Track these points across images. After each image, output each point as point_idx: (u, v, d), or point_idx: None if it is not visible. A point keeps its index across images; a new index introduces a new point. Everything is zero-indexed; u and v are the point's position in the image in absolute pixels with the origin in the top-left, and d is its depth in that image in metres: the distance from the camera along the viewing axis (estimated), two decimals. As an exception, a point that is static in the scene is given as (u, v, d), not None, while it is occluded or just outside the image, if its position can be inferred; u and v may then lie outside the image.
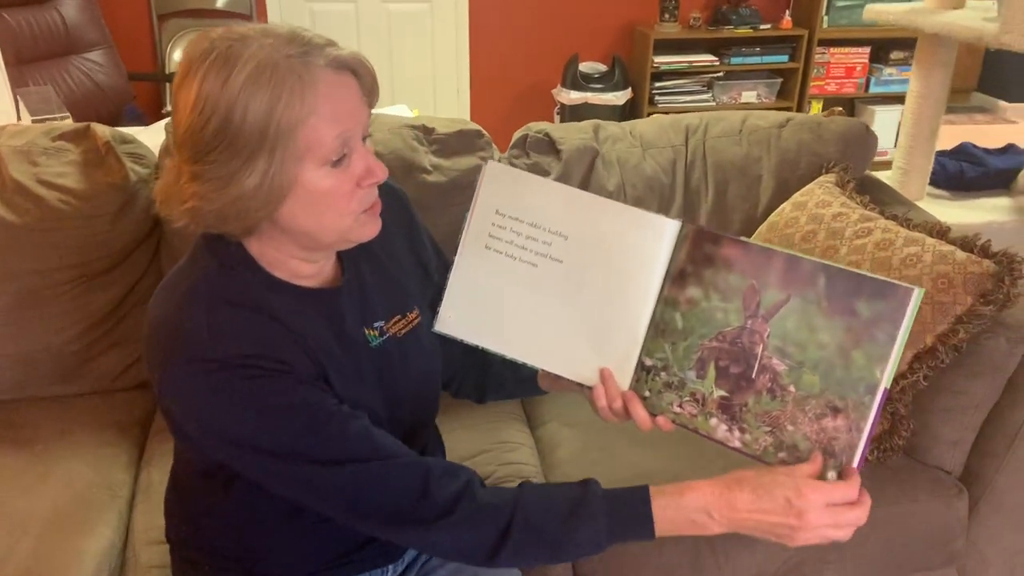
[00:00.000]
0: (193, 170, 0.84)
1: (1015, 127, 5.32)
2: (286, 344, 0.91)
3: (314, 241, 0.92)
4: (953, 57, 2.09)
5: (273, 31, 0.85)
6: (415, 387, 1.08)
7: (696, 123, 1.91)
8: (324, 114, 0.84)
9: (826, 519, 0.86)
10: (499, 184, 1.04)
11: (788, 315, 0.93)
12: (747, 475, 0.91)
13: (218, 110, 0.81)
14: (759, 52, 4.10)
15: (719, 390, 0.97)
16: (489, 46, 4.13)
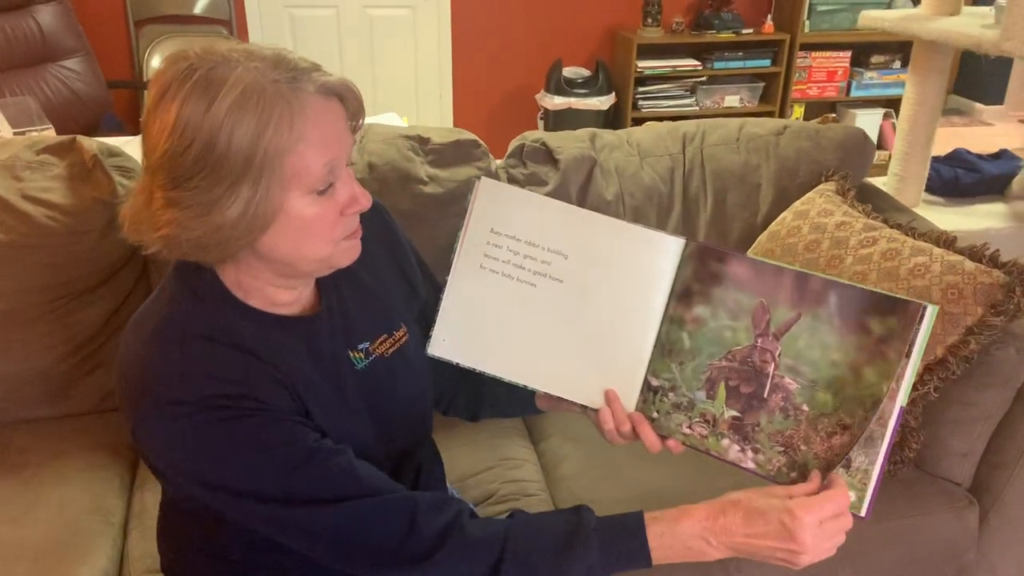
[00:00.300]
0: (169, 196, 0.81)
1: (991, 129, 5.38)
2: (262, 380, 0.88)
3: (293, 269, 0.90)
4: (949, 64, 2.09)
5: (257, 53, 0.82)
6: (406, 407, 1.05)
7: (693, 131, 1.89)
8: (312, 141, 0.82)
9: (822, 537, 0.85)
10: (493, 201, 1.01)
11: (799, 333, 0.91)
12: (740, 498, 0.89)
13: (201, 135, 0.78)
14: (741, 56, 4.11)
15: (730, 410, 0.95)
16: (472, 51, 4.10)
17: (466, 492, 1.47)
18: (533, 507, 1.43)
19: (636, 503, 1.42)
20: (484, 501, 1.45)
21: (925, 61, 2.08)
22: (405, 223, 1.64)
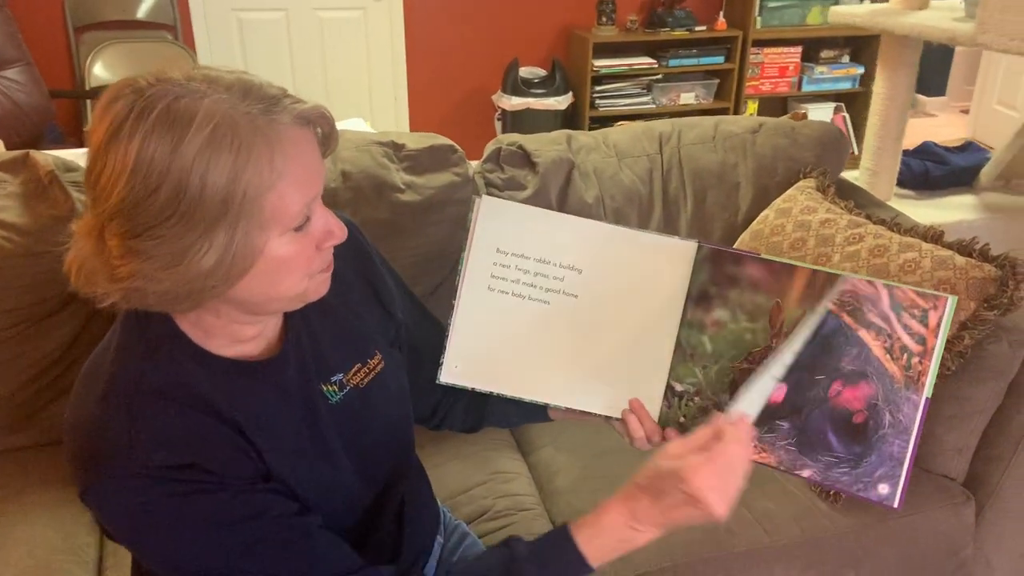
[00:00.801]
0: (131, 245, 0.72)
1: (935, 120, 5.50)
2: (219, 446, 0.81)
3: (265, 308, 0.83)
4: (917, 58, 2.11)
5: (219, 79, 0.74)
6: (385, 437, 1.00)
7: (668, 130, 1.87)
8: (293, 179, 0.75)
9: (721, 487, 0.81)
10: (496, 219, 0.98)
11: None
12: (642, 480, 0.87)
13: (169, 178, 0.70)
14: (696, 54, 4.12)
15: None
16: (426, 53, 4.04)
17: (459, 509, 1.42)
18: (530, 522, 1.39)
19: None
20: (479, 518, 1.41)
21: (894, 56, 2.09)
22: (382, 233, 1.60)
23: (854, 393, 0.87)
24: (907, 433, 0.85)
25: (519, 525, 1.38)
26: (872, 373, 0.86)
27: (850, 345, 0.87)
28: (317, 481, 0.90)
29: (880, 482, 0.86)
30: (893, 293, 0.86)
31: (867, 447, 0.86)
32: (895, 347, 0.85)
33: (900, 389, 0.85)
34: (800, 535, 1.37)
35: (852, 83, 4.41)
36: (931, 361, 0.84)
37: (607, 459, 1.53)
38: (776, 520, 1.38)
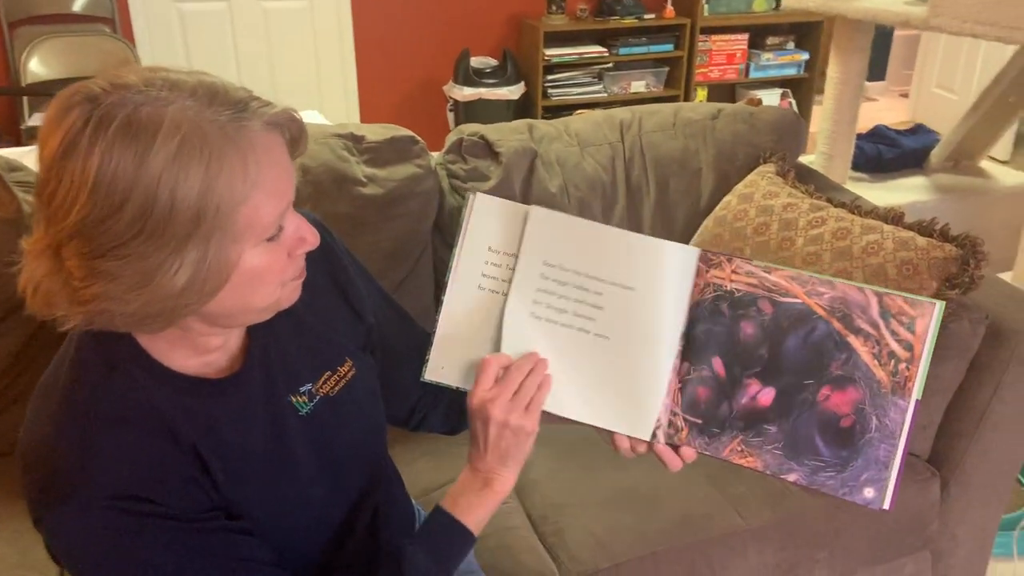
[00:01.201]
0: (94, 266, 0.67)
1: (876, 104, 5.62)
2: (177, 473, 0.77)
3: (235, 320, 0.80)
4: (869, 42, 2.14)
5: (180, 82, 0.69)
6: (357, 446, 0.97)
7: (629, 118, 1.87)
8: (267, 189, 0.71)
9: (516, 402, 0.87)
10: (490, 218, 0.95)
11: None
12: (471, 433, 0.92)
13: (135, 194, 0.65)
14: (645, 42, 4.14)
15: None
16: (375, 43, 3.98)
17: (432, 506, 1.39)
18: (505, 516, 1.37)
19: (613, 503, 1.40)
20: (452, 514, 1.39)
21: (847, 41, 2.12)
22: (345, 227, 1.56)
23: (842, 398, 0.87)
24: (893, 437, 0.86)
25: (494, 519, 1.34)
26: (860, 378, 0.87)
27: (839, 351, 0.87)
28: (283, 499, 0.87)
29: (866, 486, 0.87)
30: (882, 300, 0.86)
31: (853, 451, 0.87)
32: (883, 353, 0.86)
33: (887, 394, 0.86)
34: (773, 517, 1.38)
35: (797, 69, 4.48)
36: (918, 367, 0.85)
37: (580, 449, 1.52)
38: (750, 504, 1.39)
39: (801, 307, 0.89)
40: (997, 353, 1.41)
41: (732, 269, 0.91)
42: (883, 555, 1.48)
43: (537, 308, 0.93)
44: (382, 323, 1.03)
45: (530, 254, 0.93)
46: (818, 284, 0.88)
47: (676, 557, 1.33)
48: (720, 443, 0.90)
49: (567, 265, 0.93)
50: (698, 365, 0.91)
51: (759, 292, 0.90)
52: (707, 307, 0.91)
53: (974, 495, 1.51)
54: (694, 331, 0.92)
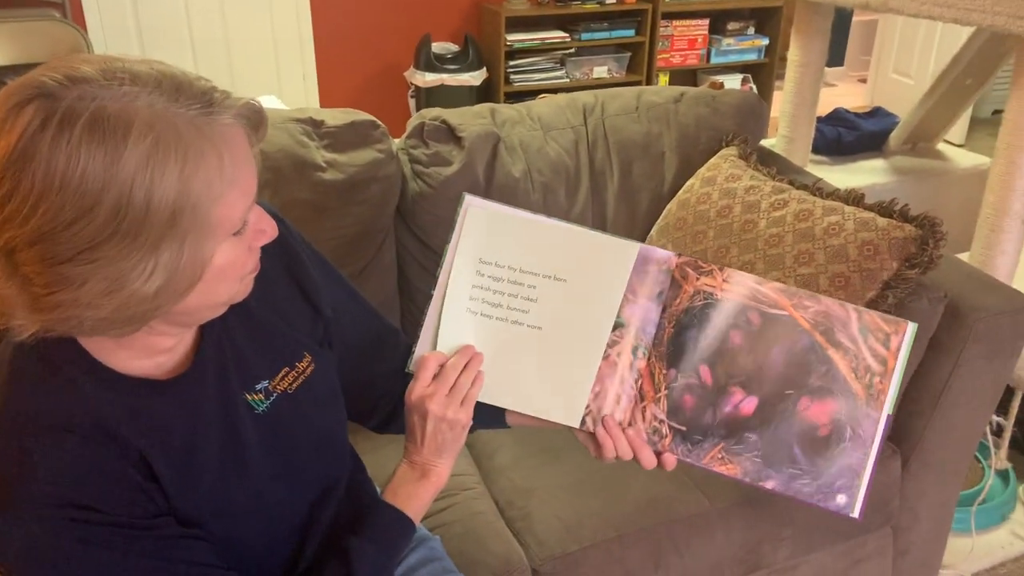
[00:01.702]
0: (60, 272, 0.64)
1: (834, 89, 5.69)
2: (122, 480, 0.75)
3: (194, 318, 0.77)
4: (829, 25, 2.15)
5: (139, 74, 0.65)
6: (318, 442, 0.95)
7: (592, 102, 1.86)
8: (240, 183, 0.69)
9: (452, 398, 0.91)
10: (481, 223, 0.96)
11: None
12: (408, 426, 0.95)
13: (107, 196, 0.62)
14: (607, 27, 4.13)
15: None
16: (334, 28, 3.92)
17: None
18: (471, 502, 1.37)
19: (577, 488, 1.40)
20: (418, 502, 1.38)
21: (807, 24, 2.13)
22: (305, 214, 1.54)
23: (821, 408, 0.90)
24: (865, 447, 0.89)
25: (462, 506, 1.36)
26: (838, 390, 0.90)
27: (820, 363, 0.91)
28: (238, 501, 0.85)
29: (839, 493, 0.90)
30: (861, 317, 0.90)
31: (828, 460, 0.90)
32: (860, 367, 0.90)
33: (862, 406, 0.90)
34: (739, 498, 1.39)
35: (758, 54, 4.51)
36: (890, 381, 0.89)
37: (546, 434, 1.52)
38: (715, 485, 1.40)
39: (787, 319, 0.92)
40: (955, 332, 1.43)
41: (724, 279, 0.94)
42: (845, 532, 1.50)
43: (472, 304, 0.96)
44: (343, 316, 1.01)
45: (465, 253, 0.96)
46: (804, 298, 0.92)
47: (643, 539, 1.33)
48: (701, 450, 0.93)
49: (501, 261, 0.95)
50: (685, 372, 0.93)
51: (748, 303, 0.93)
52: (696, 314, 0.94)
53: (934, 472, 1.53)
54: (681, 338, 0.94)
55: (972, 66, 2.35)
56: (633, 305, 0.94)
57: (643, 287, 0.94)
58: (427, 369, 0.92)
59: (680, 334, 0.93)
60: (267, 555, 0.92)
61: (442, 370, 0.92)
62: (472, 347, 0.95)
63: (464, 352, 0.94)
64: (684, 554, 1.35)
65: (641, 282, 0.94)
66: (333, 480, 0.99)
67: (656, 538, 1.34)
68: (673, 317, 0.94)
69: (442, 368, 0.92)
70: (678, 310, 0.94)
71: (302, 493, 0.94)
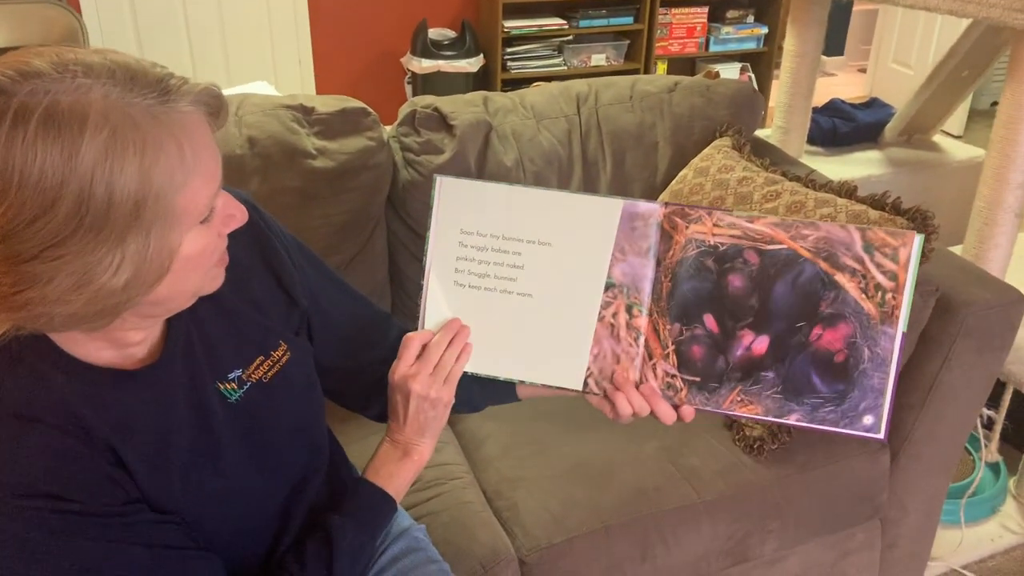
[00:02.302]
0: (25, 270, 0.63)
1: (834, 79, 5.67)
2: (89, 468, 0.74)
3: (164, 308, 0.76)
4: (825, 15, 2.13)
5: (92, 65, 0.64)
6: (294, 431, 0.94)
7: (585, 91, 1.85)
8: (203, 170, 0.69)
9: (435, 378, 0.92)
10: (456, 200, 0.96)
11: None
12: (391, 404, 0.96)
13: (67, 191, 0.61)
14: (605, 14, 4.10)
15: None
16: (330, 13, 3.90)
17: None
18: (460, 491, 1.37)
19: (567, 477, 1.39)
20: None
21: (804, 13, 2.12)
22: (294, 201, 1.53)
23: (834, 334, 0.89)
24: (886, 365, 0.88)
25: (449, 495, 1.36)
26: (850, 313, 0.89)
27: (827, 289, 0.89)
28: (208, 492, 0.84)
29: (865, 414, 0.89)
30: (865, 235, 0.89)
31: (849, 383, 0.89)
32: (870, 286, 0.89)
33: (876, 324, 0.89)
34: (726, 489, 1.39)
35: (757, 43, 4.48)
36: (904, 295, 0.88)
37: (535, 425, 1.52)
38: (703, 476, 1.40)
39: (787, 252, 0.90)
40: (946, 326, 1.43)
41: (713, 223, 0.92)
42: (834, 524, 1.50)
43: (459, 276, 0.96)
44: (325, 302, 1.01)
45: (444, 224, 0.95)
46: (802, 227, 0.90)
47: (629, 530, 1.33)
48: (720, 397, 0.93)
49: (483, 230, 0.95)
50: (690, 324, 0.93)
51: (743, 243, 0.91)
52: (691, 264, 0.92)
53: (923, 465, 1.53)
54: (680, 290, 0.92)
55: (969, 58, 2.33)
56: (623, 263, 0.93)
57: (631, 244, 0.93)
58: (410, 348, 0.93)
59: (678, 287, 0.93)
60: (244, 541, 0.91)
61: (425, 349, 0.93)
62: (458, 321, 0.95)
63: (449, 328, 0.94)
64: (671, 545, 1.35)
65: (629, 239, 0.93)
66: (310, 470, 0.98)
67: (643, 529, 1.34)
68: (668, 270, 0.93)
69: (425, 347, 0.93)
70: (672, 262, 0.93)
71: (278, 483, 0.93)
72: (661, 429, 1.50)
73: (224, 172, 0.74)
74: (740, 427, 1.48)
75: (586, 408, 1.56)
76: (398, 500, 0.97)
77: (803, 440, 1.46)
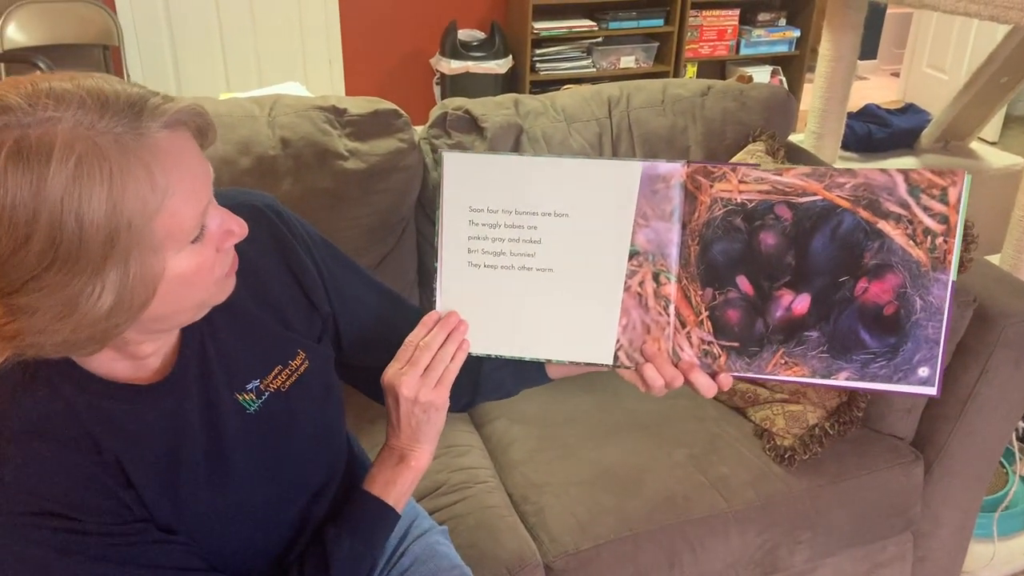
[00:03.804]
0: (10, 303, 0.64)
1: (866, 83, 5.60)
2: (97, 487, 0.75)
3: (168, 323, 0.77)
4: (862, 20, 2.11)
5: (65, 94, 0.63)
6: (312, 441, 0.94)
7: (617, 94, 1.83)
8: (181, 192, 0.68)
9: (426, 380, 0.89)
10: (466, 176, 0.91)
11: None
12: (387, 410, 0.94)
13: (39, 224, 0.61)
14: (635, 16, 4.08)
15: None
16: (361, 14, 3.91)
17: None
18: (485, 495, 1.36)
19: (594, 483, 1.38)
20: (432, 492, 1.38)
21: (840, 18, 2.09)
22: (326, 202, 1.53)
23: (881, 286, 0.84)
24: (940, 313, 0.83)
25: (474, 499, 1.35)
26: (897, 263, 0.83)
27: (870, 239, 0.83)
28: (223, 504, 0.84)
29: (920, 366, 0.84)
30: (909, 177, 0.83)
31: (902, 336, 0.84)
32: (917, 232, 0.82)
33: (928, 272, 0.83)
34: (755, 499, 1.37)
35: (788, 46, 4.44)
36: (955, 238, 0.82)
37: (562, 429, 1.51)
38: (732, 485, 1.39)
39: (822, 204, 0.84)
40: (984, 336, 1.40)
41: (739, 179, 0.86)
42: (865, 537, 1.47)
43: (473, 256, 0.91)
44: (358, 306, 1.00)
45: (453, 205, 0.91)
46: (837, 176, 0.84)
47: (657, 538, 1.32)
48: (762, 361, 0.88)
49: (494, 206, 0.90)
50: (723, 288, 0.87)
51: (774, 198, 0.85)
52: (719, 225, 0.87)
53: (957, 478, 1.51)
54: (710, 253, 0.87)
55: (1008, 64, 2.29)
56: (646, 229, 0.88)
57: (654, 208, 0.88)
58: (406, 349, 0.90)
59: (707, 250, 0.87)
60: (255, 553, 0.91)
61: (416, 350, 0.89)
62: (455, 315, 0.92)
63: (444, 324, 0.91)
64: (699, 554, 1.34)
65: (651, 203, 0.88)
66: (329, 477, 0.98)
67: (671, 538, 1.32)
68: (695, 233, 0.87)
69: (416, 348, 0.90)
70: (699, 224, 0.87)
71: (295, 493, 0.93)
72: (689, 436, 1.48)
73: (257, 172, 0.74)
74: (771, 436, 1.46)
75: (613, 413, 1.56)
76: (399, 507, 0.94)
77: (834, 451, 1.44)
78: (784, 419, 1.46)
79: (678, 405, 1.56)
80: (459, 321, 0.92)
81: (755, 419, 1.51)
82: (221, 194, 0.77)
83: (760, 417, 1.50)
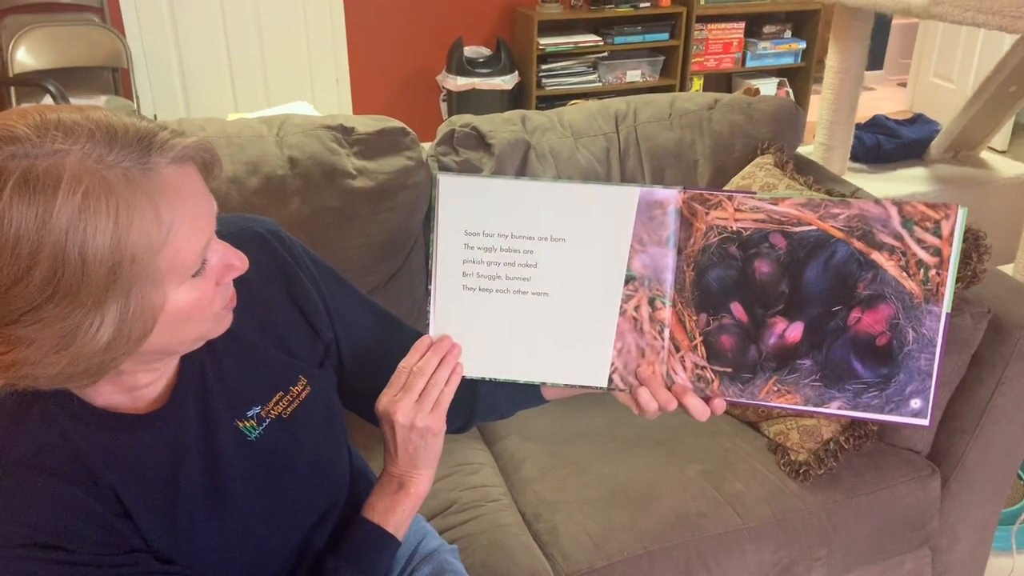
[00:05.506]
0: (7, 333, 0.63)
1: (874, 93, 5.59)
2: (92, 519, 0.74)
3: (164, 355, 0.76)
4: (868, 31, 2.11)
5: (75, 126, 0.63)
6: (314, 467, 0.93)
7: (624, 108, 1.83)
8: (184, 228, 0.67)
9: (421, 404, 0.88)
10: (458, 194, 0.92)
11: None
12: (384, 437, 0.93)
13: (42, 255, 0.61)
14: (641, 31, 4.10)
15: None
16: (367, 32, 3.94)
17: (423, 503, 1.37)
18: (498, 514, 1.35)
19: (607, 500, 1.37)
20: (444, 511, 1.37)
21: (846, 30, 2.09)
22: (334, 221, 1.53)
23: (874, 317, 0.85)
24: (932, 345, 0.84)
25: (486, 517, 1.34)
26: (890, 293, 0.84)
27: (864, 270, 0.85)
28: (223, 534, 0.83)
29: (912, 398, 0.85)
30: (903, 209, 0.84)
31: (894, 367, 0.85)
32: (911, 264, 0.84)
33: (920, 304, 0.84)
34: (771, 515, 1.36)
35: (794, 58, 4.45)
36: (948, 271, 0.83)
37: (573, 446, 1.50)
38: (747, 502, 1.37)
39: (817, 233, 0.85)
40: (999, 348, 1.39)
41: (735, 207, 0.87)
42: (883, 552, 1.45)
43: (468, 280, 0.91)
44: (360, 331, 0.99)
45: (448, 228, 0.91)
46: (831, 206, 0.85)
47: (672, 556, 1.30)
48: (755, 387, 0.88)
49: (489, 229, 0.90)
50: (717, 314, 0.88)
51: (769, 227, 0.86)
52: (714, 252, 0.88)
53: (975, 491, 1.49)
54: (704, 280, 0.88)
55: (1016, 73, 2.28)
56: (642, 254, 0.89)
57: (650, 233, 0.88)
58: (400, 375, 0.89)
59: (702, 276, 0.88)
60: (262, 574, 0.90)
61: (409, 375, 0.89)
62: (448, 339, 0.91)
63: (437, 349, 0.90)
64: (714, 572, 1.32)
65: (647, 228, 0.88)
66: (329, 506, 0.97)
67: (686, 556, 1.31)
68: (691, 259, 0.88)
69: (410, 374, 0.89)
70: (694, 251, 0.88)
71: (296, 521, 0.92)
72: (703, 451, 1.47)
73: (266, 192, 0.73)
74: (785, 451, 1.45)
75: (625, 430, 1.54)
76: (399, 534, 0.93)
77: (850, 465, 1.42)
78: (798, 433, 1.44)
79: (690, 420, 1.53)
80: (452, 345, 0.91)
81: (769, 433, 1.50)
82: (223, 220, 0.77)
83: (774, 431, 1.48)
